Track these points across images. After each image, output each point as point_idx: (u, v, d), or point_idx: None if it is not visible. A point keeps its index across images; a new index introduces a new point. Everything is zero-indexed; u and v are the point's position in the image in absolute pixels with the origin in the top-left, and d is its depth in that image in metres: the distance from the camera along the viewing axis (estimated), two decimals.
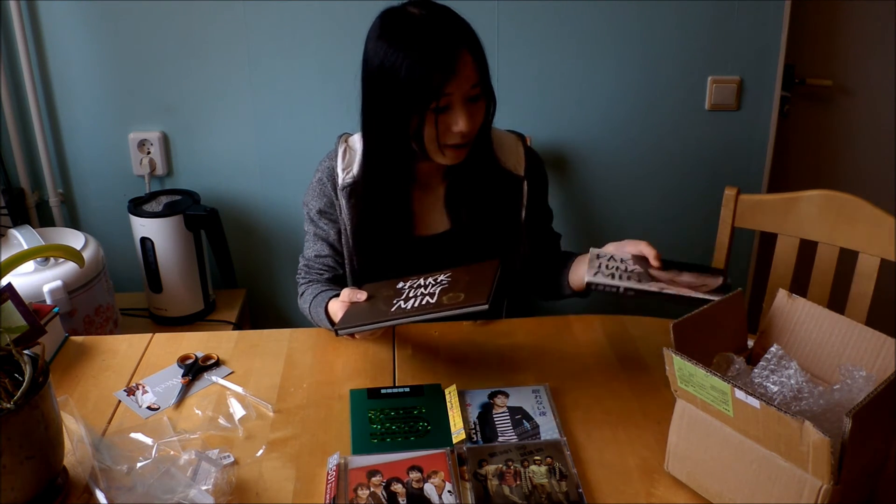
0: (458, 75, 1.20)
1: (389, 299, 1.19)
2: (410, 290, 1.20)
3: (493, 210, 1.39)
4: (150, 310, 1.99)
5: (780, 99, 2.02)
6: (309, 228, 1.44)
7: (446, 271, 1.23)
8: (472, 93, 1.23)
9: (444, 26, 1.23)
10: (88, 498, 0.96)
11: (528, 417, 1.10)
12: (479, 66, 1.24)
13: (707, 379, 0.87)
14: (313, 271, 1.44)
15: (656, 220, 2.14)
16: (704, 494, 0.95)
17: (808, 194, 1.53)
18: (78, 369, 1.24)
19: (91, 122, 1.99)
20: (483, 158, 1.36)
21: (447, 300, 1.11)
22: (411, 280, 1.24)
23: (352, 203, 1.37)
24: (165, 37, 1.91)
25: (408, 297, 1.17)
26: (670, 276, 1.17)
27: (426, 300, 1.13)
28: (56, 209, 2.04)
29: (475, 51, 1.24)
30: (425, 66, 1.18)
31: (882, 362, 0.98)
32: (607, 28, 1.94)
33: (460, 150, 1.28)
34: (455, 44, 1.21)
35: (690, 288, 1.13)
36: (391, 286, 1.24)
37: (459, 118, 1.22)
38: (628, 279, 1.16)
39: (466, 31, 1.25)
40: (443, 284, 1.18)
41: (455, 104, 1.22)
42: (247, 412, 1.12)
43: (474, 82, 1.23)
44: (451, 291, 1.14)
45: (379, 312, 1.16)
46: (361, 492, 0.96)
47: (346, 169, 1.38)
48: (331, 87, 1.96)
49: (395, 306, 1.15)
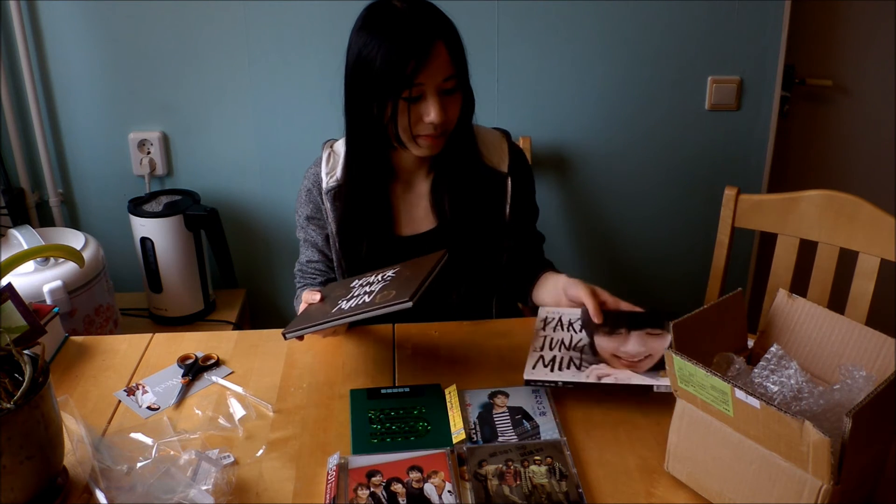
0: (431, 65, 1.22)
1: (337, 299, 1.20)
2: (358, 288, 1.20)
3: (478, 207, 1.40)
4: (150, 310, 1.99)
5: (780, 99, 2.02)
6: (300, 235, 1.48)
7: (397, 266, 1.24)
8: (445, 85, 1.25)
9: (422, 17, 1.25)
10: (88, 498, 0.96)
11: (528, 417, 1.10)
12: (454, 59, 1.25)
13: (707, 379, 0.87)
14: (307, 275, 1.48)
15: (656, 220, 2.14)
16: (704, 494, 0.95)
17: (808, 194, 1.53)
18: (78, 369, 1.24)
19: (91, 122, 1.99)
20: (466, 156, 1.38)
21: (379, 299, 1.11)
22: (365, 277, 1.25)
23: (336, 206, 1.39)
24: (165, 37, 1.92)
25: (351, 297, 1.17)
26: (615, 347, 1.17)
27: (363, 299, 1.14)
28: (56, 209, 2.04)
29: (451, 43, 1.25)
30: (399, 53, 1.21)
31: (882, 362, 0.98)
32: (607, 28, 1.94)
33: (435, 141, 1.28)
34: (430, 34, 1.23)
35: (632, 364, 1.13)
36: (346, 285, 1.25)
37: (432, 109, 1.24)
38: (569, 363, 1.15)
39: (444, 23, 1.26)
40: (386, 281, 1.18)
41: (428, 95, 1.24)
42: (247, 412, 1.12)
43: (448, 75, 1.24)
44: (387, 289, 1.14)
45: (322, 314, 1.17)
46: (361, 492, 0.96)
47: (330, 173, 1.40)
48: (330, 87, 1.95)
49: (336, 307, 1.16)
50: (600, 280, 1.45)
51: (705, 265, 1.73)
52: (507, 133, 1.47)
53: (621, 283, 2.18)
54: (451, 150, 1.35)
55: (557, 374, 1.13)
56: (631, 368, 1.12)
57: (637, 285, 2.20)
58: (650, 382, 1.09)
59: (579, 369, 1.14)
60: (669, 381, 1.07)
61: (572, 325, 1.23)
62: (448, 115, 1.27)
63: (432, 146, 1.29)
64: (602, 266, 2.21)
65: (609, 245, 2.16)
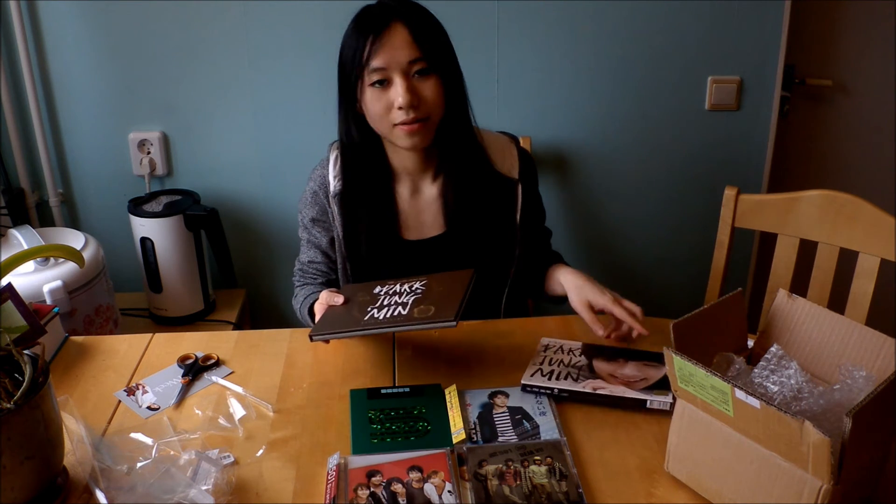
0: (389, 46, 1.23)
1: (364, 305, 1.21)
2: (385, 296, 1.22)
3: (488, 214, 1.40)
4: (150, 310, 1.99)
5: (780, 99, 2.02)
6: (303, 235, 1.48)
7: (422, 278, 1.25)
8: (413, 67, 1.25)
9: (383, 4, 1.27)
10: (88, 498, 0.96)
11: (528, 417, 1.10)
12: (418, 40, 1.24)
13: (707, 379, 0.87)
14: (307, 275, 1.48)
15: (656, 220, 2.14)
16: (704, 494, 0.95)
17: (808, 194, 1.53)
18: (78, 369, 1.24)
19: (91, 122, 1.99)
20: (473, 156, 1.37)
21: (417, 313, 1.13)
22: (388, 285, 1.26)
23: (342, 210, 1.39)
24: (165, 37, 1.92)
25: (382, 306, 1.19)
26: (612, 369, 1.18)
27: (398, 311, 1.16)
28: (56, 209, 2.04)
29: (413, 24, 1.25)
30: (357, 38, 1.25)
31: (882, 362, 0.98)
32: (607, 28, 1.94)
33: (412, 128, 1.27)
34: (385, 16, 1.25)
35: (628, 384, 1.14)
36: (368, 290, 1.26)
37: (399, 92, 1.24)
38: (566, 377, 1.16)
39: (406, 6, 1.27)
40: (417, 293, 1.20)
41: (394, 77, 1.25)
42: (247, 412, 1.12)
43: (414, 57, 1.24)
44: (423, 303, 1.16)
45: (352, 320, 1.18)
46: (361, 492, 0.96)
47: (337, 176, 1.40)
48: (331, 87, 1.95)
49: (368, 314, 1.17)
50: (600, 280, 1.45)
51: (705, 265, 1.73)
52: (514, 138, 1.47)
53: (621, 284, 2.17)
54: (454, 147, 1.35)
55: (555, 382, 1.15)
56: (626, 386, 1.13)
57: (637, 285, 2.20)
58: (644, 397, 1.10)
59: (576, 381, 1.15)
60: (663, 398, 1.09)
61: (572, 351, 1.24)
62: (422, 99, 1.26)
63: (412, 134, 1.28)
64: (602, 266, 2.21)
65: (609, 245, 2.16)
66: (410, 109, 1.25)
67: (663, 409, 1.09)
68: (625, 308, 1.23)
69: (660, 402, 1.09)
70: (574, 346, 1.25)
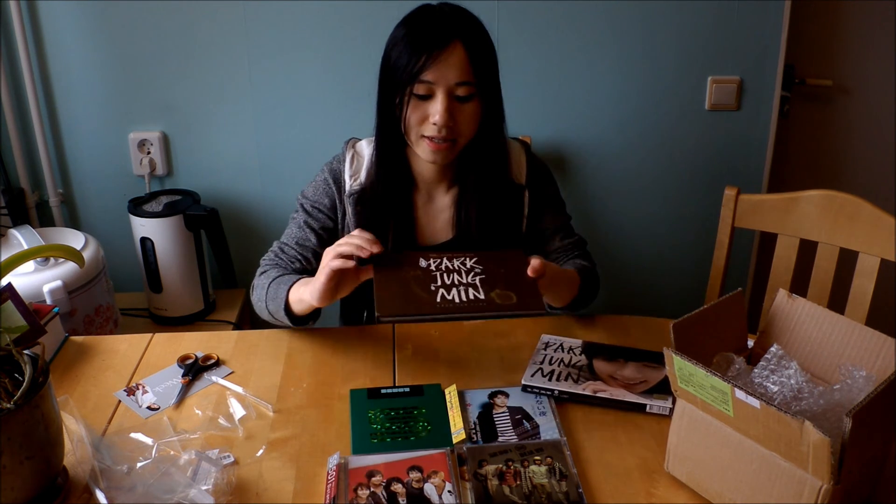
0: (443, 63, 1.21)
1: (423, 283, 1.13)
2: (440, 274, 1.15)
3: (496, 221, 1.39)
4: (150, 310, 1.99)
5: (780, 99, 2.02)
6: (299, 217, 1.41)
7: (470, 254, 1.20)
8: (459, 90, 1.24)
9: (448, 16, 1.25)
10: (88, 498, 0.96)
11: (528, 417, 1.10)
12: (474, 64, 1.23)
13: (707, 379, 0.87)
14: (285, 257, 1.39)
15: (656, 220, 2.14)
16: (704, 494, 0.95)
17: (808, 194, 1.53)
18: (78, 369, 1.24)
19: (91, 122, 1.99)
20: (496, 174, 1.37)
21: (498, 298, 1.10)
22: (433, 258, 1.19)
23: (357, 210, 1.38)
24: (165, 37, 1.92)
25: (445, 284, 1.13)
26: (613, 370, 1.18)
27: (471, 293, 1.11)
28: (56, 209, 2.04)
29: (472, 47, 1.24)
30: (414, 45, 1.22)
31: (882, 362, 0.98)
32: (607, 28, 1.94)
33: (438, 146, 1.27)
34: (449, 31, 1.22)
35: (627, 386, 1.14)
36: (413, 263, 1.17)
37: (438, 110, 1.23)
38: (567, 377, 1.16)
39: (470, 26, 1.25)
40: (477, 272, 1.16)
41: (438, 94, 1.23)
42: (247, 412, 1.12)
43: (463, 79, 1.23)
44: (497, 287, 1.12)
45: (421, 301, 1.10)
46: (361, 492, 0.96)
47: (354, 176, 1.39)
48: (331, 87, 1.96)
49: (437, 294, 1.11)
50: (600, 279, 1.45)
51: (705, 265, 1.73)
52: (525, 144, 1.47)
53: (621, 284, 2.18)
54: (477, 167, 1.35)
55: (555, 383, 1.14)
56: (626, 389, 1.14)
57: (637, 285, 2.20)
58: (644, 401, 1.11)
59: (576, 383, 1.15)
60: (662, 403, 1.09)
61: (573, 349, 1.24)
62: (456, 122, 1.26)
63: (435, 151, 1.28)
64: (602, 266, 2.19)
65: (609, 245, 2.16)
66: (444, 128, 1.25)
67: (662, 413, 1.09)
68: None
69: (659, 407, 1.10)
70: (574, 343, 1.25)
